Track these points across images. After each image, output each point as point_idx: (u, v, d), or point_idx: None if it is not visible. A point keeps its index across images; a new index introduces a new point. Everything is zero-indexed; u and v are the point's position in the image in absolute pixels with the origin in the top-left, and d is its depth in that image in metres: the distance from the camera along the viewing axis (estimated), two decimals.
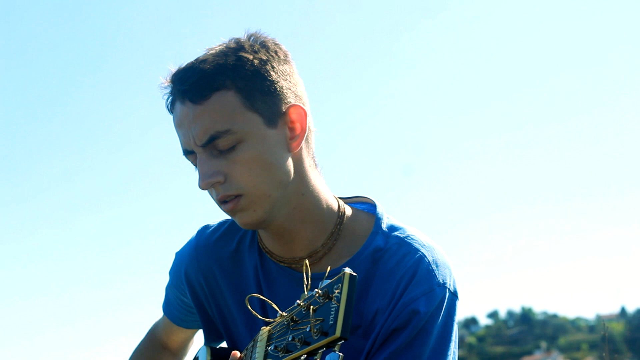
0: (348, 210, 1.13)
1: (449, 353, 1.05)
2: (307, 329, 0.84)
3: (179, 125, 1.05)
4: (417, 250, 1.07)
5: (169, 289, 1.29)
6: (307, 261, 0.91)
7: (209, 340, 1.23)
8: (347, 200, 1.18)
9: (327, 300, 0.83)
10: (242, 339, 1.16)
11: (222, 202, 1.05)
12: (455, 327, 1.07)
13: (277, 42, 1.08)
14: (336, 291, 0.82)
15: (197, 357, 1.18)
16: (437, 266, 1.06)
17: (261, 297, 0.96)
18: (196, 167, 1.05)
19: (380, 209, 1.13)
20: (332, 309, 0.82)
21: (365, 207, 1.15)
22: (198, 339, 1.40)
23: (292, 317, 0.89)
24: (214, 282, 1.18)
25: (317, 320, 0.83)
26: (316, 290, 0.85)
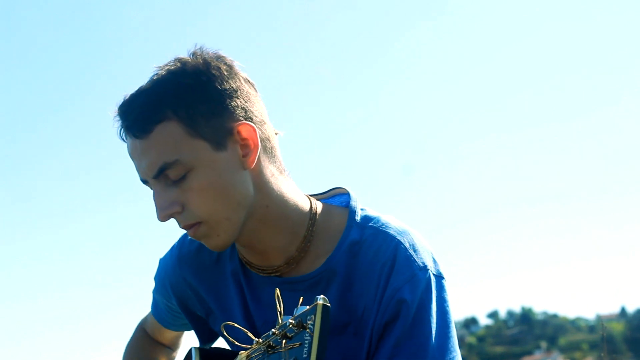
0: (320, 208, 1.12)
1: (451, 334, 1.05)
2: (282, 359, 0.84)
3: (131, 156, 1.05)
4: (393, 237, 1.06)
5: (155, 293, 1.30)
6: (277, 290, 0.90)
7: (202, 342, 1.24)
8: (321, 196, 1.17)
9: (301, 329, 0.83)
10: (238, 340, 1.16)
11: (184, 229, 1.06)
12: (450, 308, 1.07)
13: (221, 56, 1.06)
14: (309, 322, 0.82)
15: (188, 358, 1.18)
16: (415, 251, 1.06)
17: (240, 327, 0.96)
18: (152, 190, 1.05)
19: (354, 201, 1.12)
20: (306, 340, 0.81)
21: (341, 200, 1.15)
22: (191, 335, 1.41)
23: (269, 344, 0.88)
24: (199, 290, 1.19)
25: (291, 349, 0.83)
26: (290, 320, 0.85)
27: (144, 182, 1.05)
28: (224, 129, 1.02)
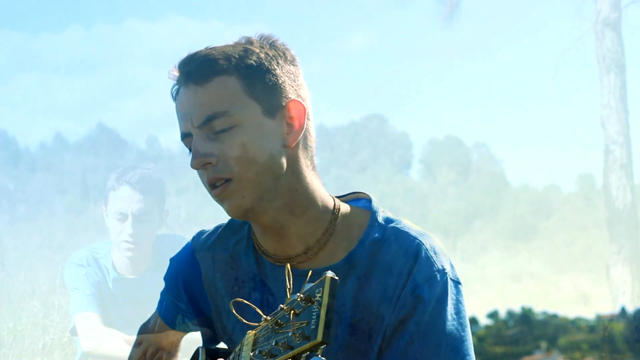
0: (343, 207, 1.14)
1: (466, 337, 1.07)
2: (290, 334, 0.84)
3: (179, 108, 1.08)
4: (415, 238, 1.08)
5: (164, 294, 1.30)
6: (288, 265, 0.91)
7: (209, 342, 1.24)
8: (343, 198, 1.19)
9: (309, 304, 0.84)
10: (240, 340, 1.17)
11: (211, 186, 1.07)
12: (466, 313, 1.09)
13: (287, 47, 1.11)
14: (317, 295, 0.82)
15: (195, 358, 1.18)
16: (435, 253, 1.08)
17: (245, 301, 0.96)
18: (190, 150, 1.07)
19: (375, 204, 1.15)
20: (314, 314, 0.82)
21: (361, 204, 1.17)
22: (191, 338, 1.41)
23: (277, 321, 0.89)
24: (211, 286, 1.19)
25: (299, 325, 0.84)
26: (298, 294, 0.85)
27: (185, 136, 1.08)
28: (276, 100, 1.06)
